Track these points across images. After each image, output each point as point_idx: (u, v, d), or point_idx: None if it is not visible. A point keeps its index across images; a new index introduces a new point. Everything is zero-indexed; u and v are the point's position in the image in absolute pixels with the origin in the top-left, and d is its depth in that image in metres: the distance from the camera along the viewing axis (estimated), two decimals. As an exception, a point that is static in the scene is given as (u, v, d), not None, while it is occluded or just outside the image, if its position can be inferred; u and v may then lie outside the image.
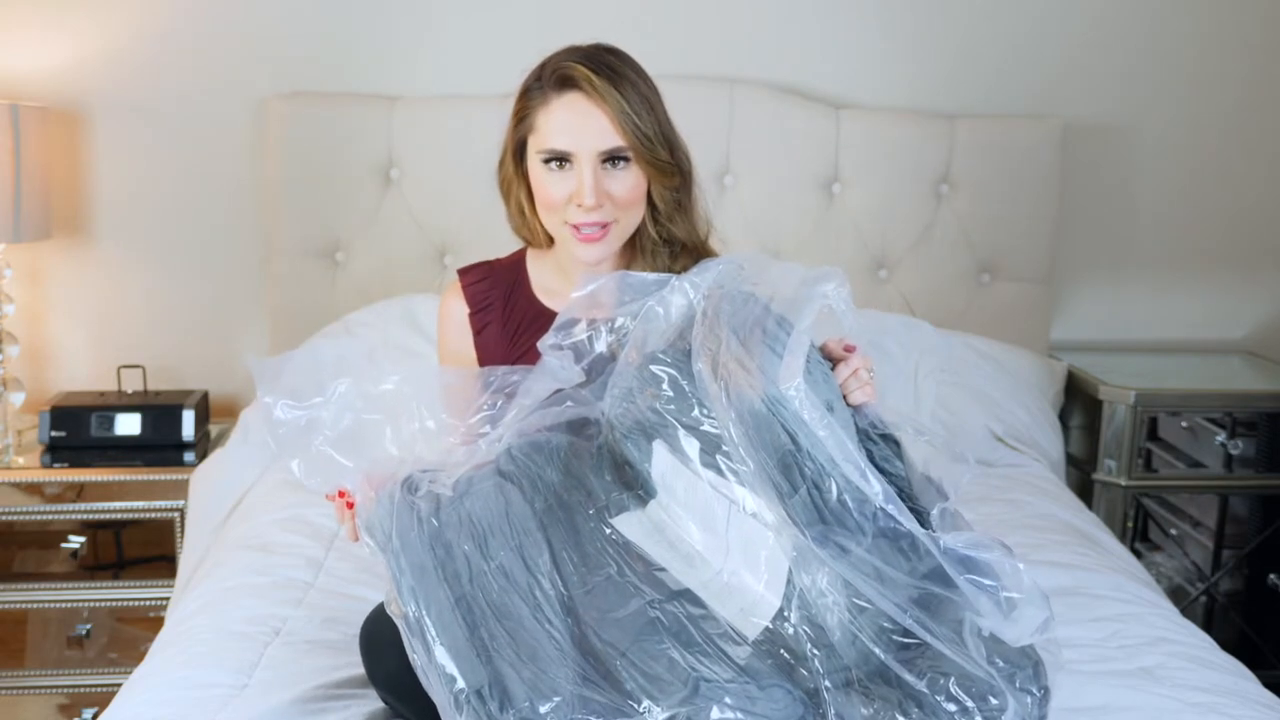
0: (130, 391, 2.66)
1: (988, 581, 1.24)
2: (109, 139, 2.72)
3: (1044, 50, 2.83)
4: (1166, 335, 2.98)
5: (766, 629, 1.28)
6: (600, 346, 1.48)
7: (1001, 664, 1.24)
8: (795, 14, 2.78)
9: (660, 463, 1.36)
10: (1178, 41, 2.85)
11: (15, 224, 2.49)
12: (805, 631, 1.27)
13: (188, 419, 2.58)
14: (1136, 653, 1.67)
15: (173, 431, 2.57)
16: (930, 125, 2.74)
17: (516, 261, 1.71)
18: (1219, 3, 2.84)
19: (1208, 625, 2.64)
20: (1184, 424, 2.66)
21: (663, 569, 1.32)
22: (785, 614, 1.28)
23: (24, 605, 2.51)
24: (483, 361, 1.68)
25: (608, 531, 1.34)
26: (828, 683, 1.24)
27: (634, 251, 1.62)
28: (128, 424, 2.57)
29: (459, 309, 1.69)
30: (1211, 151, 2.90)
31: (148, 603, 2.52)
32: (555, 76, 1.52)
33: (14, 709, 2.55)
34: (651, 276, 1.48)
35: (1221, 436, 2.61)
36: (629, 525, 1.35)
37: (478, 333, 1.68)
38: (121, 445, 2.56)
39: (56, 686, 2.53)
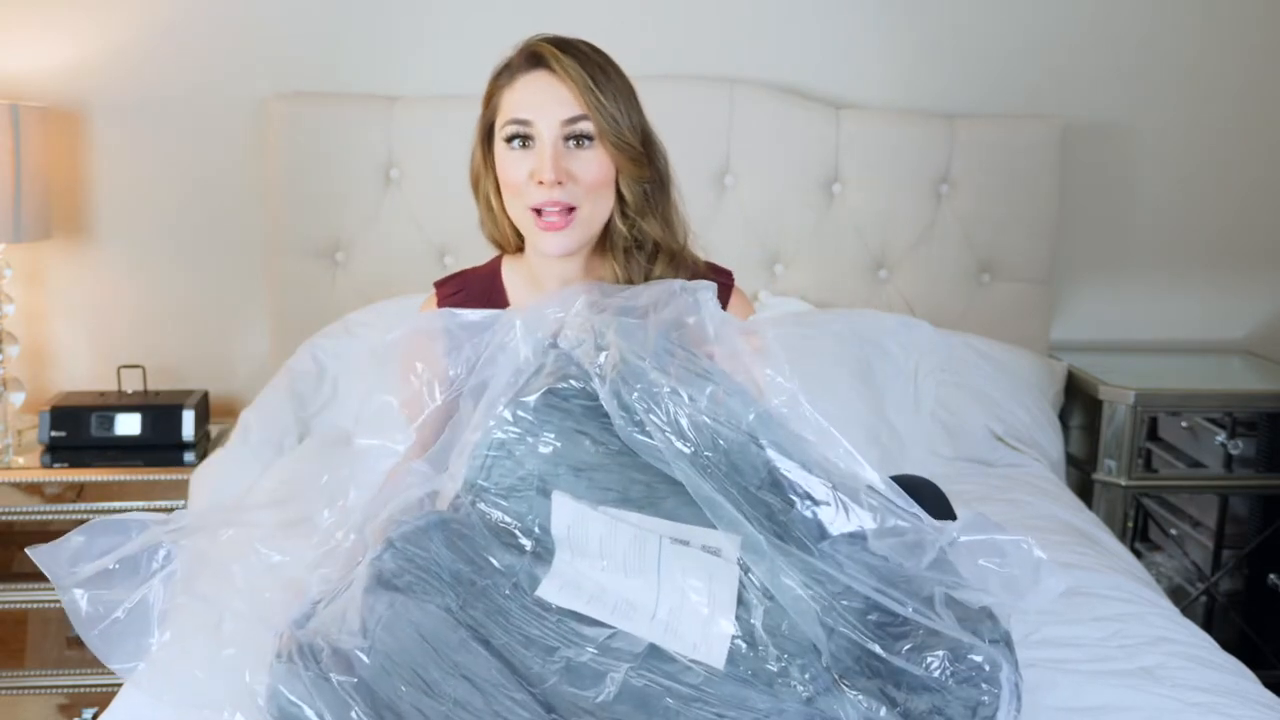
0: (130, 391, 2.66)
1: (995, 563, 1.22)
2: (109, 139, 2.72)
3: (1044, 50, 2.83)
4: (1166, 335, 2.98)
5: (742, 653, 1.22)
6: (434, 400, 1.35)
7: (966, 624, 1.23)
8: (795, 14, 2.78)
9: (564, 515, 1.26)
10: (1178, 41, 2.85)
11: (15, 224, 2.49)
12: (781, 643, 1.22)
13: (188, 419, 2.58)
14: (1136, 653, 1.67)
15: (173, 431, 2.57)
16: (930, 125, 2.74)
17: (492, 271, 1.65)
18: (1219, 3, 2.84)
19: (1208, 625, 2.64)
20: (1184, 424, 2.66)
21: (610, 630, 1.21)
22: (752, 633, 1.23)
23: (24, 605, 2.51)
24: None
25: (534, 607, 1.22)
26: (815, 687, 1.21)
27: (605, 250, 1.55)
28: (128, 424, 2.56)
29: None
30: (1211, 151, 2.90)
31: (148, 603, 2.52)
32: (523, 56, 1.51)
33: (14, 709, 2.55)
34: (478, 314, 1.39)
35: (1221, 436, 2.61)
36: (552, 592, 1.24)
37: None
38: (121, 445, 2.56)
39: (56, 686, 2.53)
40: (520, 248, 1.61)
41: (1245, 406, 2.63)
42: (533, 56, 1.50)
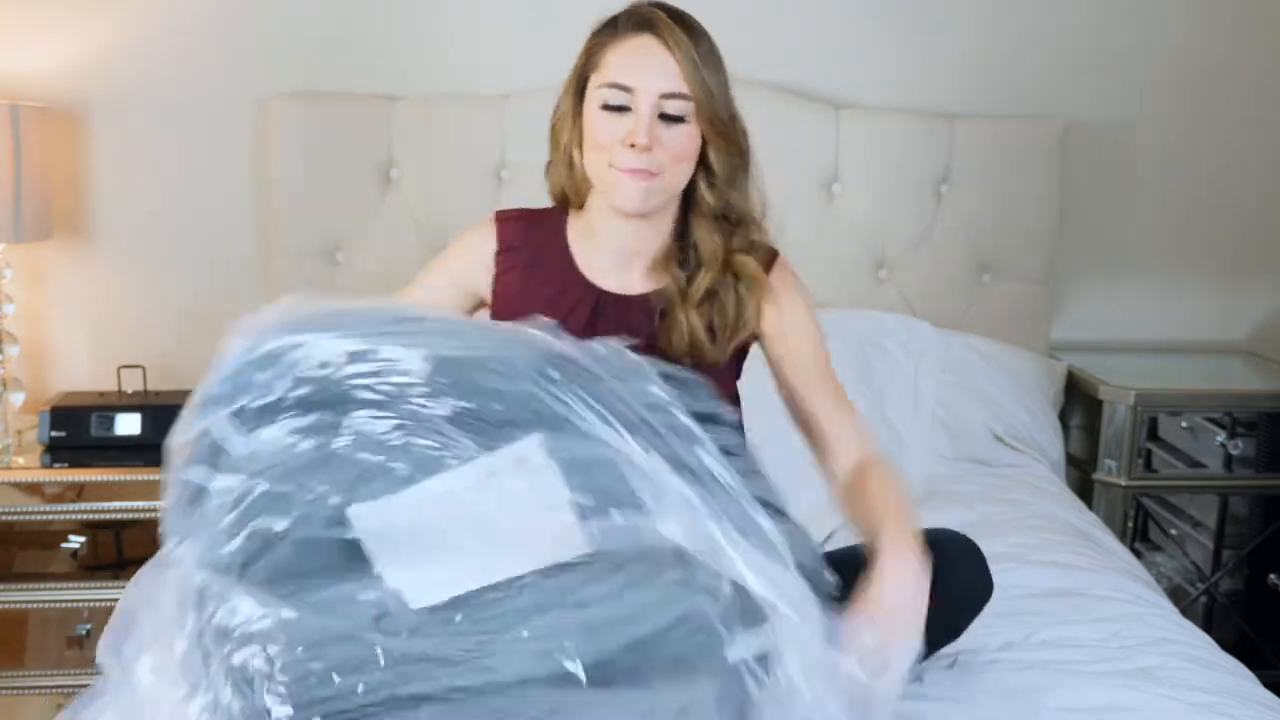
0: (130, 391, 2.66)
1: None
2: (109, 139, 2.72)
3: (1044, 50, 2.83)
4: (1166, 335, 2.98)
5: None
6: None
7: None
8: (795, 14, 2.78)
9: (366, 522, 1.16)
10: (1178, 41, 2.85)
11: (15, 224, 2.49)
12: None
13: (188, 419, 2.57)
14: (1137, 653, 1.67)
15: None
16: (930, 125, 2.74)
17: (558, 216, 1.66)
18: (1219, 3, 2.84)
19: (1208, 625, 2.64)
20: (1184, 424, 2.66)
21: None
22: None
23: (24, 605, 2.51)
24: (499, 304, 1.63)
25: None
26: None
27: (690, 215, 1.60)
28: (128, 424, 2.56)
29: (483, 245, 1.64)
30: (1212, 151, 2.90)
31: (148, 603, 2.52)
32: (634, 19, 1.52)
33: (14, 709, 2.54)
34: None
35: (1221, 436, 2.61)
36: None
37: (500, 274, 1.63)
38: (121, 445, 2.55)
39: (56, 686, 2.52)
40: (582, 205, 1.62)
41: (1245, 406, 2.63)
42: (643, 21, 1.51)
